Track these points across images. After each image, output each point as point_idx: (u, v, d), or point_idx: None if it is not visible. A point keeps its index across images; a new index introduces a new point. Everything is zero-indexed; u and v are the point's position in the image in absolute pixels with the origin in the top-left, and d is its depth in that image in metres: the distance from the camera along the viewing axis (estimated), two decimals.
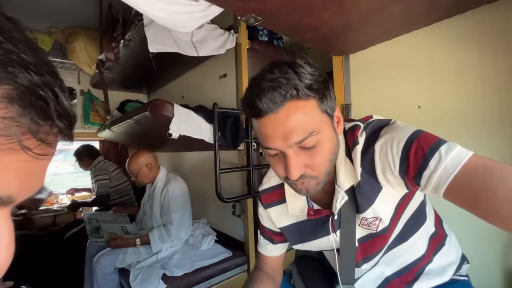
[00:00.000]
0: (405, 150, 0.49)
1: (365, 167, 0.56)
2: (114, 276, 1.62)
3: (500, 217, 0.42)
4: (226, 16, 1.32)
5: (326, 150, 0.53)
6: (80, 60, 2.25)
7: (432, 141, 0.48)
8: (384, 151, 0.52)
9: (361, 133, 0.58)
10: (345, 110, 1.47)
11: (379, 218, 0.59)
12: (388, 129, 0.55)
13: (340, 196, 0.59)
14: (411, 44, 1.19)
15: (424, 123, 1.16)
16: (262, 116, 0.50)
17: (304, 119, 0.49)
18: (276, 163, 0.55)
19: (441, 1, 0.95)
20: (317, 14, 0.96)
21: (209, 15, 0.94)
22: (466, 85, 1.06)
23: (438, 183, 0.46)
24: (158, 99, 1.40)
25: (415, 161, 0.48)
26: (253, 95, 0.50)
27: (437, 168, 0.46)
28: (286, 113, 0.49)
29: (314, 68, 0.52)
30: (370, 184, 0.56)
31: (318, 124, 0.51)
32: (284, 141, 0.50)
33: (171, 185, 1.78)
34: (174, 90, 2.53)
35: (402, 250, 0.65)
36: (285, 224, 0.73)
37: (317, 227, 0.67)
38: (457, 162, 0.45)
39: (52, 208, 2.64)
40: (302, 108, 0.49)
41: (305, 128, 0.49)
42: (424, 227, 0.66)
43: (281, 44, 1.96)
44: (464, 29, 1.04)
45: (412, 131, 0.51)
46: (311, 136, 0.50)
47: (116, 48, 1.74)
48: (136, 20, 1.50)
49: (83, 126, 2.80)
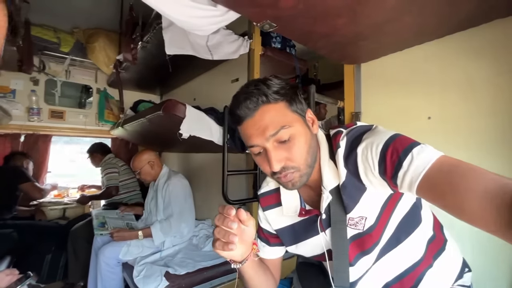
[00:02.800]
0: (382, 153, 0.54)
1: (350, 169, 0.61)
2: (117, 269, 1.64)
3: (463, 210, 0.44)
4: (241, 22, 1.36)
5: (301, 142, 0.61)
6: (98, 60, 2.34)
7: (406, 143, 0.53)
8: (365, 154, 0.57)
9: (342, 137, 0.63)
10: (354, 118, 1.47)
11: (365, 217, 0.63)
12: (370, 133, 0.60)
13: (325, 196, 0.64)
14: (423, 56, 1.20)
15: (433, 134, 1.16)
16: (243, 121, 0.61)
17: (275, 116, 0.59)
18: (262, 162, 0.63)
19: (454, 15, 0.96)
20: (330, 22, 0.99)
21: (226, 20, 0.98)
22: (478, 98, 1.05)
23: (410, 181, 0.50)
24: (171, 99, 1.45)
25: (391, 162, 0.52)
26: (234, 106, 0.62)
27: (409, 167, 0.50)
28: (260, 114, 0.59)
29: (281, 80, 0.64)
30: (355, 185, 0.61)
31: (289, 120, 0.60)
32: (261, 136, 0.59)
33: (172, 180, 1.83)
34: (187, 92, 2.59)
35: (398, 253, 0.67)
36: (281, 226, 0.78)
37: (308, 227, 0.72)
38: (426, 162, 0.49)
39: (63, 201, 2.71)
40: (273, 109, 0.60)
41: (277, 123, 0.59)
42: (419, 230, 0.67)
43: (293, 51, 1.99)
44: (477, 42, 1.05)
45: (389, 135, 0.56)
46: (283, 129, 0.59)
47: (134, 49, 1.81)
48: (155, 23, 1.56)
49: (97, 123, 2.89)
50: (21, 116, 2.50)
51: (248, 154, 1.70)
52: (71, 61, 2.64)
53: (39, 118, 2.55)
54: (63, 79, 2.73)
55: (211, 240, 1.80)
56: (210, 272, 1.57)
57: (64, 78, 2.73)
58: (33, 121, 2.54)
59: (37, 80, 2.59)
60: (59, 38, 2.33)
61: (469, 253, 0.76)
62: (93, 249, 1.85)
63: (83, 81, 2.88)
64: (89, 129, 2.86)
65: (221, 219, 0.57)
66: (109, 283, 1.62)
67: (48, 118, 2.65)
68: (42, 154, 2.68)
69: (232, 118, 0.63)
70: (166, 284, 1.41)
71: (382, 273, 0.69)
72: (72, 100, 2.90)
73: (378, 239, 0.65)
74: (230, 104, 0.65)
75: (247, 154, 1.70)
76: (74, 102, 2.91)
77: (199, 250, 1.78)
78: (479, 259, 0.87)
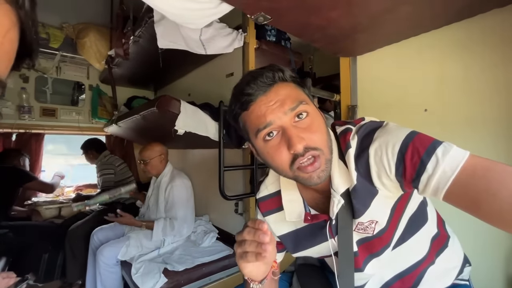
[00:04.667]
0: (400, 154, 0.49)
1: (360, 171, 0.55)
2: (116, 268, 1.64)
3: (502, 219, 0.41)
4: (235, 15, 1.33)
5: (320, 122, 0.56)
6: (90, 56, 2.29)
7: (427, 143, 0.48)
8: (379, 155, 0.52)
9: (353, 136, 0.57)
10: (351, 111, 1.46)
11: (375, 221, 0.58)
12: (382, 131, 0.54)
13: (337, 200, 0.58)
14: (419, 47, 1.19)
15: (430, 126, 1.16)
16: (252, 101, 0.55)
17: (292, 91, 0.56)
18: (276, 148, 0.54)
19: (450, 5, 0.95)
20: (325, 14, 0.97)
21: (219, 13, 0.96)
22: (474, 89, 1.05)
23: (437, 186, 0.45)
24: (166, 95, 1.42)
25: (412, 165, 0.48)
26: (244, 83, 0.56)
27: (435, 171, 0.45)
28: (276, 90, 0.55)
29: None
30: (366, 188, 0.56)
31: (305, 97, 0.57)
32: (278, 110, 0.53)
33: (176, 182, 1.81)
34: (181, 87, 2.55)
35: (402, 252, 0.64)
36: (283, 232, 0.72)
37: (315, 233, 0.66)
38: (455, 165, 0.44)
39: (58, 200, 2.68)
40: (289, 86, 0.56)
41: (295, 97, 0.55)
42: (425, 228, 0.65)
43: (288, 44, 1.96)
44: (474, 33, 1.04)
45: (406, 133, 0.50)
46: (302, 104, 0.54)
47: (126, 44, 1.77)
48: (146, 17, 1.52)
49: (91, 121, 2.84)
50: (12, 115, 2.44)
51: (244, 150, 1.68)
52: (61, 57, 2.57)
53: (30, 116, 2.50)
54: (54, 76, 2.66)
55: (209, 236, 1.82)
56: (208, 267, 1.58)
57: (55, 75, 2.66)
58: (24, 119, 2.48)
59: (27, 77, 2.53)
60: (48, 33, 2.27)
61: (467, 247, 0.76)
62: (91, 248, 1.84)
63: (75, 77, 2.82)
64: (82, 127, 2.81)
65: (251, 232, 0.51)
66: (109, 282, 1.61)
67: (40, 116, 2.59)
68: (36, 153, 2.64)
69: (240, 97, 0.56)
70: (165, 280, 1.40)
71: (383, 273, 0.67)
72: (64, 97, 2.83)
73: (389, 242, 0.62)
74: (237, 84, 0.58)
75: (244, 150, 1.69)
76: (66, 99, 2.85)
77: (197, 246, 1.78)
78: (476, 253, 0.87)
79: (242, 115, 0.58)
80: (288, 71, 0.58)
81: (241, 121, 0.59)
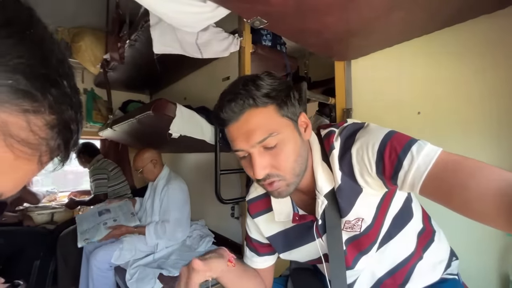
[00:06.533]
0: (379, 153, 0.52)
1: (344, 171, 0.58)
2: (109, 273, 1.61)
3: (472, 210, 0.44)
4: (231, 20, 1.34)
5: (289, 150, 0.57)
6: (85, 59, 2.28)
7: (404, 141, 0.51)
8: (360, 154, 0.55)
9: (336, 138, 0.60)
10: (346, 114, 1.48)
11: (361, 218, 0.61)
12: (363, 132, 0.57)
13: (320, 201, 0.61)
14: (412, 51, 1.22)
15: (423, 128, 1.18)
16: (227, 124, 0.57)
17: (263, 122, 0.55)
18: (246, 166, 0.59)
19: (441, 11, 0.98)
20: (321, 19, 0.99)
21: (215, 16, 0.97)
22: (466, 92, 1.08)
23: (413, 181, 0.49)
24: (161, 98, 1.42)
25: (390, 162, 0.51)
26: (218, 108, 0.58)
27: (410, 167, 0.48)
28: (246, 119, 0.55)
29: (274, 79, 0.58)
30: (351, 187, 0.58)
31: (278, 126, 0.56)
32: (247, 142, 0.55)
33: (172, 184, 1.80)
34: (177, 91, 2.55)
35: (390, 248, 0.66)
36: (272, 232, 0.74)
37: (303, 233, 0.69)
38: (428, 160, 0.48)
39: (50, 205, 2.63)
40: (261, 113, 0.55)
41: (265, 129, 0.55)
42: (411, 224, 0.67)
43: (284, 49, 1.98)
44: (464, 38, 1.07)
45: (385, 133, 0.54)
46: (271, 136, 0.55)
47: (121, 48, 1.76)
48: (142, 21, 1.52)
49: (85, 125, 2.81)
50: None
51: None
52: None
53: None
54: None
55: (205, 240, 1.80)
56: None
57: None
58: None
59: None
60: None
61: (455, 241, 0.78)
62: (84, 253, 1.80)
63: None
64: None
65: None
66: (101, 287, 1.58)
67: None
68: None
69: (216, 120, 0.59)
70: (160, 286, 1.38)
71: (375, 270, 0.69)
72: None
73: (375, 239, 0.64)
74: (215, 104, 0.60)
75: None
76: None
77: (193, 251, 1.76)
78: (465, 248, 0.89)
79: (224, 128, 0.60)
80: (265, 91, 0.55)
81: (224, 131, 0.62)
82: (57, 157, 0.28)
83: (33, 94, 0.23)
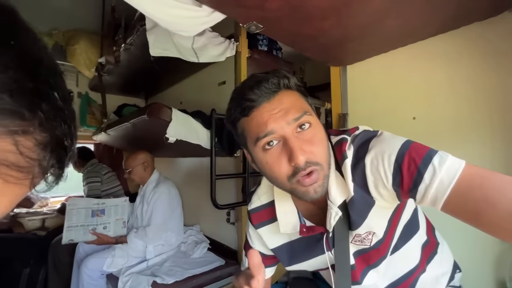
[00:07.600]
0: (397, 164, 0.48)
1: (357, 182, 0.54)
2: (101, 281, 1.57)
3: (501, 229, 0.41)
4: (227, 24, 1.34)
5: (322, 135, 0.54)
6: (79, 63, 2.25)
7: (423, 152, 0.48)
8: (375, 165, 0.51)
9: (348, 146, 0.56)
10: (341, 119, 1.48)
11: (373, 233, 0.58)
12: (377, 141, 0.53)
13: (334, 212, 0.56)
14: (407, 57, 1.23)
15: (418, 133, 1.18)
16: (256, 106, 0.52)
17: (297, 100, 0.54)
18: (276, 159, 0.52)
19: (435, 18, 0.99)
20: (317, 24, 0.99)
21: (211, 21, 0.96)
22: (460, 97, 1.09)
23: (435, 196, 0.45)
24: (156, 102, 1.40)
25: (409, 175, 0.47)
26: (247, 87, 0.53)
27: (432, 181, 0.45)
28: (280, 98, 0.52)
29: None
30: (363, 199, 0.54)
31: (309, 108, 0.56)
32: (282, 119, 0.51)
33: (160, 188, 1.78)
34: (172, 96, 2.54)
35: (395, 260, 0.64)
36: (277, 244, 0.70)
37: (311, 245, 0.64)
38: (452, 175, 0.44)
39: (42, 211, 2.57)
40: (293, 95, 0.54)
41: (299, 107, 0.53)
42: (417, 236, 0.65)
43: (280, 54, 1.99)
44: (458, 44, 1.08)
45: (401, 143, 0.50)
46: (306, 114, 0.52)
47: (117, 51, 1.75)
48: (138, 25, 1.51)
49: (79, 129, 2.77)
50: None
51: (236, 158, 1.67)
52: None
53: None
54: None
55: (200, 246, 1.77)
56: (199, 279, 1.53)
57: None
58: None
59: None
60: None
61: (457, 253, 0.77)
62: (75, 260, 1.75)
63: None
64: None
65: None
66: None
67: None
68: None
69: (241, 103, 0.53)
70: None
71: (377, 282, 0.66)
72: None
73: (386, 253, 0.61)
74: (238, 88, 0.57)
75: (235, 158, 1.67)
76: None
77: (188, 257, 1.73)
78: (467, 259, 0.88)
79: (242, 121, 0.55)
80: (294, 79, 0.55)
81: (240, 127, 0.56)
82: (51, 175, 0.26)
83: (20, 113, 0.20)
